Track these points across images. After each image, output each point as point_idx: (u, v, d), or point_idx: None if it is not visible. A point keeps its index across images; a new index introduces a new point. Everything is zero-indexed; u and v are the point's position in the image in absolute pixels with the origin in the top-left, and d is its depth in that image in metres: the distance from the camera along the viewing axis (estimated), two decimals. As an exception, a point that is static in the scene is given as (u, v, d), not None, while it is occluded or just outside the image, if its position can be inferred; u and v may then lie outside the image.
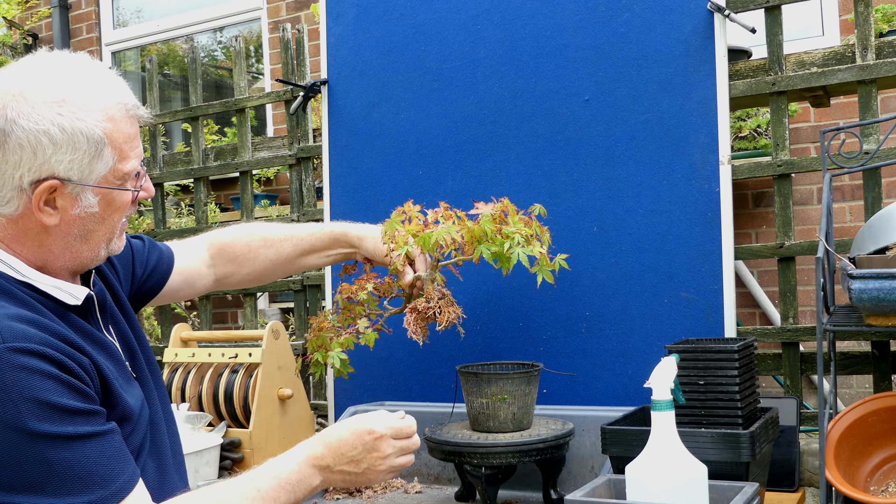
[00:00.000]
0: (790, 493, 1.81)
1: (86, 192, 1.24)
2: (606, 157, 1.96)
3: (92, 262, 1.33)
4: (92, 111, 1.23)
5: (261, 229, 1.80)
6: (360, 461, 1.34)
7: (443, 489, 1.91)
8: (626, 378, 1.91)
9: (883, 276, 1.45)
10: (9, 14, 5.15)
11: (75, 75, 1.24)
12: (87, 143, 1.22)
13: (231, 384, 2.26)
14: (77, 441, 1.14)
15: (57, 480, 1.12)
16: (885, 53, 2.07)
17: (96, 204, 1.26)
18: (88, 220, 1.27)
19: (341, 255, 1.84)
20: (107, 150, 1.24)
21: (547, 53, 2.02)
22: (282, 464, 1.32)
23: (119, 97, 1.27)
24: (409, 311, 1.67)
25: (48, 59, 1.26)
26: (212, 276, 1.73)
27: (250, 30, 5.46)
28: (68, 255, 1.29)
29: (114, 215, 1.30)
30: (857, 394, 3.60)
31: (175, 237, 3.26)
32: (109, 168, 1.25)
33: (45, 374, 1.13)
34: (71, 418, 1.14)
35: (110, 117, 1.25)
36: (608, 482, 1.39)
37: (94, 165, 1.23)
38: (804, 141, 3.87)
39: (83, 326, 1.29)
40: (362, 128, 2.24)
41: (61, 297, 1.27)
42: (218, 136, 4.99)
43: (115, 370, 1.30)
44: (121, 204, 1.30)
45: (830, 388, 1.76)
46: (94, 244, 1.30)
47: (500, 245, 1.61)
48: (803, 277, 3.44)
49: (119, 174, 1.27)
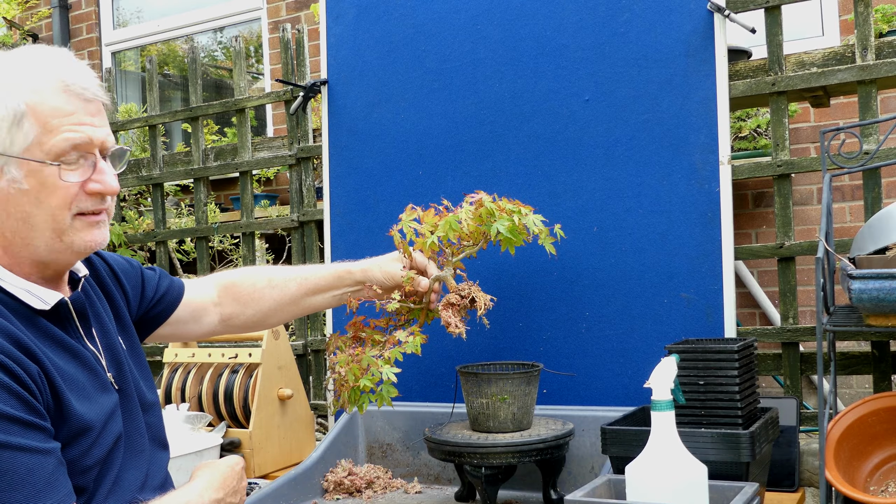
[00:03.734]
0: (790, 493, 1.81)
1: (9, 164, 1.21)
2: (606, 157, 1.96)
3: (49, 254, 1.27)
4: (16, 84, 1.22)
5: (267, 271, 1.78)
6: (238, 490, 1.41)
7: (443, 489, 1.91)
8: (626, 378, 1.91)
9: (883, 276, 1.45)
10: (9, 14, 5.15)
11: (14, 56, 1.24)
12: (6, 111, 1.20)
13: (231, 384, 2.26)
14: (6, 450, 1.09)
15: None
16: (884, 53, 2.07)
17: (23, 179, 1.22)
18: (21, 200, 1.23)
19: (348, 294, 1.78)
20: (27, 121, 1.21)
21: (547, 53, 2.03)
22: (187, 495, 1.31)
23: (58, 74, 1.24)
24: (443, 307, 1.64)
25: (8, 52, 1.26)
26: (218, 314, 1.70)
27: (250, 30, 5.46)
28: (20, 241, 1.24)
29: (50, 198, 1.23)
30: (857, 394, 3.60)
31: (175, 237, 3.26)
32: (32, 140, 1.21)
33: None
34: (6, 426, 1.10)
35: (36, 90, 1.22)
36: (608, 482, 1.39)
37: (13, 135, 1.21)
38: (804, 141, 3.87)
39: (52, 332, 1.26)
40: (362, 128, 2.24)
41: (29, 301, 1.24)
42: (218, 136, 4.98)
43: (87, 378, 1.27)
44: (54, 186, 1.23)
45: (830, 388, 1.76)
46: (39, 231, 1.24)
47: (510, 219, 1.62)
48: (803, 277, 3.44)
49: (47, 149, 1.22)
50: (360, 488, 1.88)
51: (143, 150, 4.64)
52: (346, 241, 2.22)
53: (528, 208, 1.69)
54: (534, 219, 1.65)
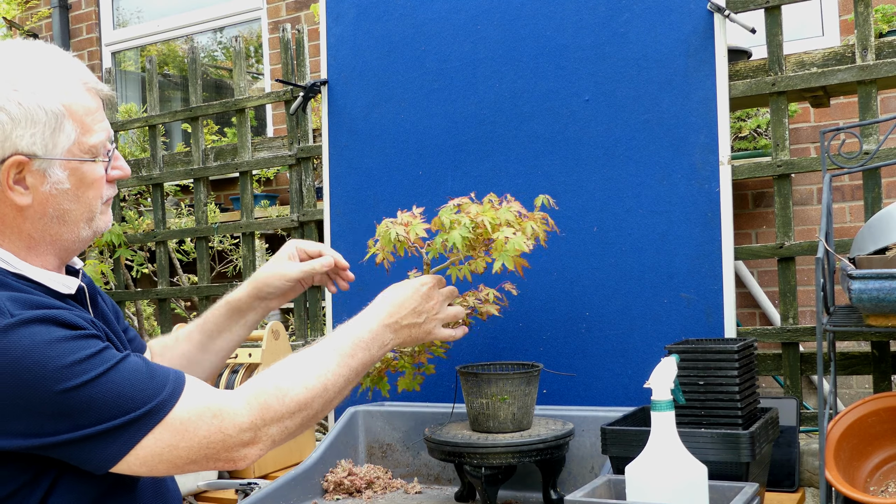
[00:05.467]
0: (790, 493, 1.81)
1: (53, 166, 1.25)
2: (606, 157, 1.96)
3: (74, 244, 1.33)
4: (48, 86, 1.24)
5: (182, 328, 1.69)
6: (421, 311, 1.50)
7: (443, 489, 1.91)
8: (626, 378, 1.91)
9: (883, 276, 1.45)
10: (9, 14, 5.16)
11: (30, 55, 1.26)
12: (47, 115, 1.23)
13: (231, 384, 2.26)
14: (110, 372, 1.17)
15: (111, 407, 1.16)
16: (884, 54, 2.07)
17: (66, 179, 1.27)
18: (62, 199, 1.28)
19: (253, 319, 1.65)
20: (67, 123, 1.25)
21: (547, 53, 2.03)
22: (355, 327, 1.43)
23: (75, 73, 1.29)
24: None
25: (2, 45, 1.28)
26: None
27: (250, 30, 5.46)
28: (48, 239, 1.29)
29: (88, 192, 1.30)
30: (857, 394, 3.60)
31: (175, 237, 3.26)
32: (73, 141, 1.26)
33: (57, 339, 1.15)
34: (93, 361, 1.17)
35: (67, 91, 1.26)
36: (608, 482, 1.39)
37: (56, 138, 1.24)
38: (804, 141, 3.87)
39: (81, 312, 1.30)
40: (362, 128, 2.24)
41: (55, 287, 1.29)
42: (218, 137, 4.99)
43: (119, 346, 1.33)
44: (93, 179, 1.30)
45: (830, 388, 1.76)
46: (72, 224, 1.30)
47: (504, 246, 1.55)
48: (803, 277, 3.44)
49: (85, 147, 1.28)
50: (360, 488, 1.88)
51: (143, 150, 4.64)
52: (346, 241, 2.22)
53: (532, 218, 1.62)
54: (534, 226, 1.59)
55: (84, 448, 1.16)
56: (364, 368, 1.42)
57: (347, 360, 1.38)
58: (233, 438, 1.23)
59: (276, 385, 1.28)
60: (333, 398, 1.35)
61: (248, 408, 1.25)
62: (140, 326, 3.80)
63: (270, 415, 1.26)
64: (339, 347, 1.38)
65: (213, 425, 1.22)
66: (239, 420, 1.24)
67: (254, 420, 1.25)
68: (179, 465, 1.22)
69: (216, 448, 1.22)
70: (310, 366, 1.34)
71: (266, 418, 1.26)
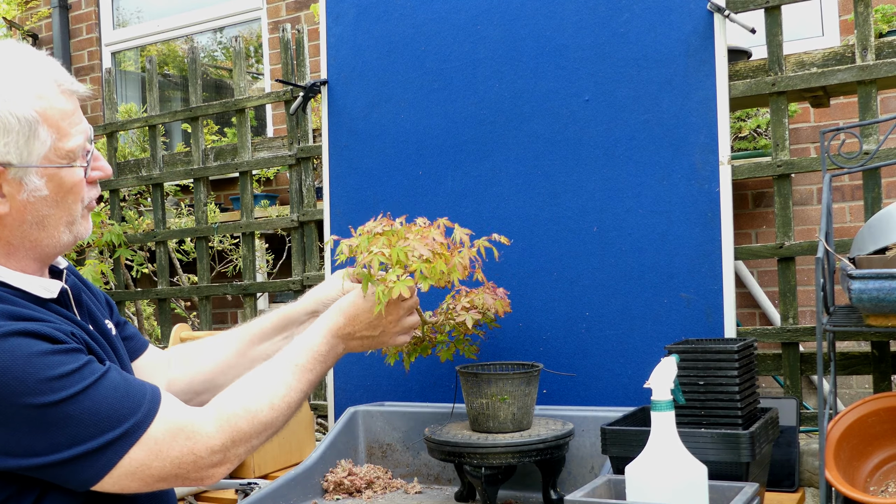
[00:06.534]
0: (790, 493, 1.81)
1: (29, 174, 1.23)
2: (606, 157, 1.96)
3: (54, 248, 1.31)
4: (20, 92, 1.22)
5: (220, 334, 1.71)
6: (377, 325, 1.49)
7: (443, 489, 1.91)
8: (626, 378, 1.91)
9: (883, 276, 1.45)
10: (9, 14, 5.16)
11: (1, 60, 1.23)
12: (20, 123, 1.21)
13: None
14: (89, 389, 1.18)
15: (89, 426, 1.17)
16: (884, 54, 2.07)
17: (43, 186, 1.25)
18: (40, 205, 1.26)
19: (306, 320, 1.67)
20: (42, 129, 1.23)
21: (547, 53, 2.03)
22: (311, 339, 1.45)
23: (50, 75, 1.26)
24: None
25: None
26: (165, 378, 1.62)
27: (250, 30, 5.46)
28: (28, 245, 1.28)
29: (67, 197, 1.28)
30: (857, 394, 3.60)
31: (175, 237, 3.26)
32: (49, 147, 1.24)
33: (38, 352, 1.15)
34: (73, 377, 1.17)
35: (40, 95, 1.23)
36: (608, 482, 1.39)
37: (31, 146, 1.22)
38: (804, 141, 3.87)
39: (66, 314, 1.30)
40: (362, 128, 2.24)
41: (35, 292, 1.27)
42: (218, 137, 4.99)
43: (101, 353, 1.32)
44: (72, 184, 1.28)
45: (830, 388, 1.76)
46: (52, 229, 1.28)
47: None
48: (803, 277, 3.44)
49: (62, 153, 1.25)
50: (360, 488, 1.88)
51: (142, 151, 4.64)
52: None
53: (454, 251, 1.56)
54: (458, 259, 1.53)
55: (64, 470, 1.17)
56: (319, 380, 1.46)
57: (307, 375, 1.42)
58: (204, 460, 1.25)
59: (244, 407, 1.31)
60: (294, 413, 1.39)
61: (219, 431, 1.27)
62: (140, 326, 3.80)
63: (240, 437, 1.29)
64: (299, 362, 1.41)
65: (185, 447, 1.24)
66: (211, 443, 1.26)
67: (224, 442, 1.27)
68: (150, 483, 1.23)
69: (187, 468, 1.24)
70: (273, 384, 1.36)
71: (236, 440, 1.29)
